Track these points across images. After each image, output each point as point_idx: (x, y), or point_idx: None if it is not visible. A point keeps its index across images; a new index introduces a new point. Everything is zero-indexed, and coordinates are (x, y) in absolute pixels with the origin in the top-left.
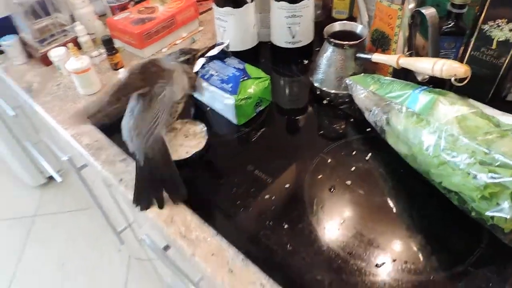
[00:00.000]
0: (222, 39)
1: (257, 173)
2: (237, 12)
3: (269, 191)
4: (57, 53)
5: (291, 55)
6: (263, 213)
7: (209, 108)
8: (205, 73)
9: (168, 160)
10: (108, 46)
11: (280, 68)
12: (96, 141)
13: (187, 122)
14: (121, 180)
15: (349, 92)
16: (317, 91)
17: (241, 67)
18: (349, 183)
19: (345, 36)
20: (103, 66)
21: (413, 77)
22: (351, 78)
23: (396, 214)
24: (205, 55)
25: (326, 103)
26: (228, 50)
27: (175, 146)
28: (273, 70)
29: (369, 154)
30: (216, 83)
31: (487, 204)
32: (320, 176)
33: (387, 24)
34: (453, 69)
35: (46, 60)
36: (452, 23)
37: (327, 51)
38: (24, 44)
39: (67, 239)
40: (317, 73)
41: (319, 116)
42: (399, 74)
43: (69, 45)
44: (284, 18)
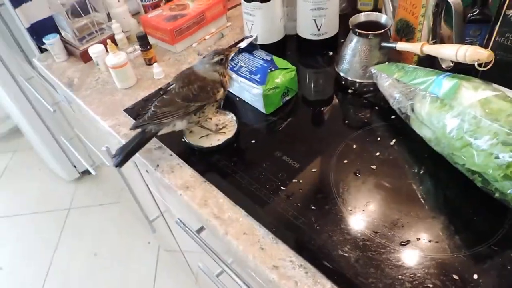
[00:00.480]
0: (250, 32)
1: (284, 159)
2: (264, 6)
3: (296, 175)
4: (96, 49)
5: (316, 47)
6: (291, 196)
7: (238, 99)
8: (235, 65)
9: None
10: (143, 42)
11: (306, 60)
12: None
13: (217, 112)
14: (157, 166)
15: (374, 81)
16: (342, 81)
17: (268, 58)
18: (374, 167)
19: (370, 26)
20: (137, 62)
21: (437, 66)
22: (376, 67)
23: (420, 196)
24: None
25: (351, 92)
26: (256, 43)
27: (207, 134)
28: (299, 62)
29: (393, 140)
30: (245, 74)
31: (509, 183)
32: (345, 161)
33: (411, 14)
34: (476, 53)
35: (85, 57)
36: (478, 10)
37: (352, 41)
38: (64, 42)
39: (99, 230)
40: (342, 63)
41: (344, 105)
42: (424, 63)
43: (108, 41)
44: (310, 10)
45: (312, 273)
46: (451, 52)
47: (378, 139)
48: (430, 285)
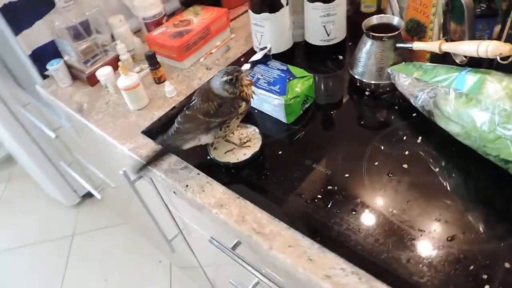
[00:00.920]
0: (259, 44)
1: (315, 167)
2: (273, 16)
3: (330, 182)
4: (104, 72)
5: (326, 52)
6: (329, 203)
7: (256, 110)
8: (251, 77)
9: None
10: (151, 61)
11: (317, 66)
12: (154, 152)
13: (239, 126)
14: (187, 186)
15: (392, 81)
16: (358, 83)
17: (284, 68)
18: (406, 166)
19: (382, 28)
20: (146, 81)
21: (450, 62)
22: (393, 68)
23: (455, 190)
24: (249, 61)
25: (368, 94)
26: (270, 53)
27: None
28: (310, 68)
29: (419, 137)
30: (264, 86)
31: None
32: (376, 163)
33: (421, 13)
34: (498, 49)
35: (92, 80)
36: (484, 5)
37: (366, 44)
38: (68, 66)
39: (106, 254)
40: (357, 66)
41: (362, 107)
42: (436, 60)
43: (120, 64)
44: (319, 17)
45: (366, 278)
46: (472, 48)
47: (404, 137)
48: (485, 276)
